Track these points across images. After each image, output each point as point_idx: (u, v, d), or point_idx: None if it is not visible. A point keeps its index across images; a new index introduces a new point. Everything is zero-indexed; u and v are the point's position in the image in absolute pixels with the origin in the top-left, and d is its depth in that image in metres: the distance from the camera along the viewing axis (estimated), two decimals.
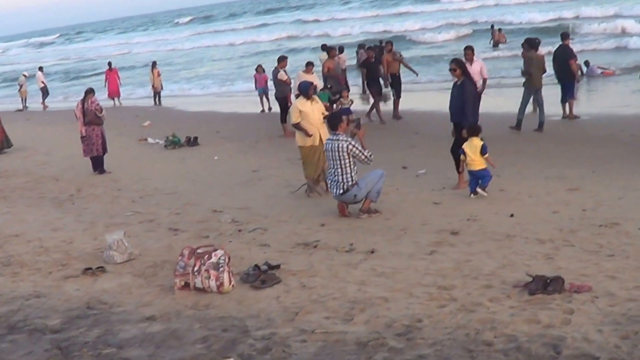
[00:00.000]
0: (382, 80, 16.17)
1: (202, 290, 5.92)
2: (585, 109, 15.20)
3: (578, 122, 14.01)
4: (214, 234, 8.01)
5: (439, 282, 5.71)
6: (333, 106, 13.91)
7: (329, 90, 14.99)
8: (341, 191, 8.30)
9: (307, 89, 9.73)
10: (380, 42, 24.76)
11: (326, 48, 21.34)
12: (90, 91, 12.84)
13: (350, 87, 17.71)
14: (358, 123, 10.34)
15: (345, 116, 9.69)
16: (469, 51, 12.85)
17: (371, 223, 7.99)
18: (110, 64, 27.14)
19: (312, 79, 13.13)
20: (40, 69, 29.20)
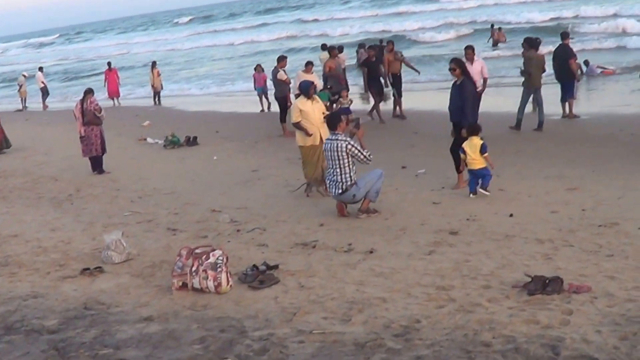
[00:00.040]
0: (383, 80, 16.15)
1: (200, 290, 5.90)
2: (585, 108, 15.18)
3: (578, 122, 13.99)
4: (213, 234, 8.00)
5: (438, 283, 5.69)
6: (333, 106, 13.91)
7: (329, 90, 14.96)
8: (340, 191, 8.28)
9: (308, 89, 9.72)
10: (380, 42, 24.73)
11: (327, 48, 21.38)
12: (89, 91, 12.83)
13: (350, 87, 17.69)
14: (357, 123, 10.31)
15: (345, 116, 9.69)
16: (469, 51, 12.83)
17: (370, 223, 7.97)
18: (109, 64, 27.10)
19: (312, 79, 13.10)
20: (40, 69, 29.16)
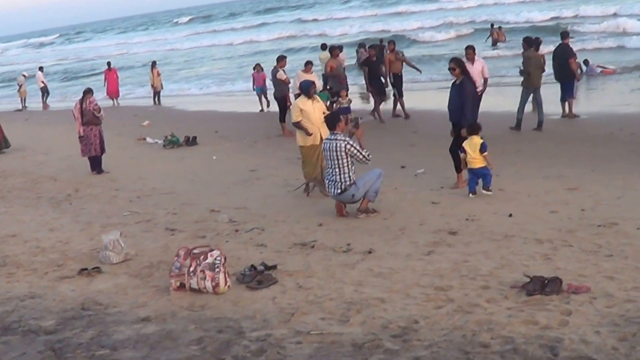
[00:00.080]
0: (383, 79, 16.13)
1: (198, 291, 5.88)
2: (584, 107, 15.16)
3: (577, 121, 13.97)
4: (211, 234, 7.98)
5: (436, 283, 5.67)
6: (332, 107, 13.87)
7: (329, 91, 14.94)
8: (339, 191, 8.25)
9: (309, 88, 9.70)
10: (380, 41, 24.71)
11: (326, 47, 21.34)
12: (88, 91, 12.80)
13: (350, 87, 17.64)
14: (356, 122, 10.29)
15: (344, 116, 9.66)
16: (470, 51, 12.78)
17: (369, 223, 7.95)
18: (109, 63, 27.07)
19: (312, 79, 13.07)
20: (41, 69, 29.15)
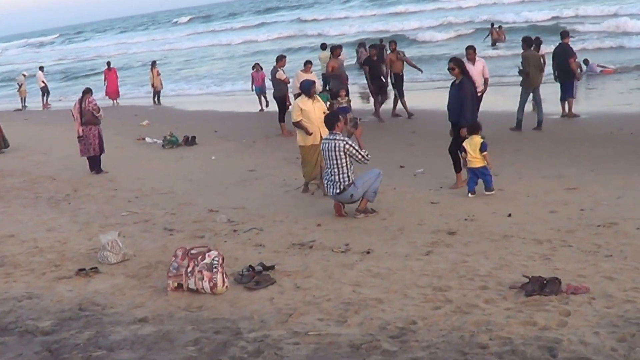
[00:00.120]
0: (384, 79, 16.10)
1: (196, 291, 5.86)
2: (584, 107, 15.13)
3: (577, 121, 13.95)
4: (209, 234, 7.96)
5: (435, 283, 5.65)
6: (332, 107, 13.85)
7: (328, 92, 14.91)
8: (338, 191, 8.23)
9: (309, 88, 9.69)
10: (380, 41, 24.69)
11: (326, 47, 21.32)
12: (87, 91, 12.79)
13: (350, 87, 17.60)
14: (355, 122, 10.27)
15: (343, 115, 9.64)
16: (470, 51, 12.70)
17: (367, 223, 7.93)
18: (109, 63, 27.02)
19: (311, 78, 13.04)
20: (41, 68, 29.08)
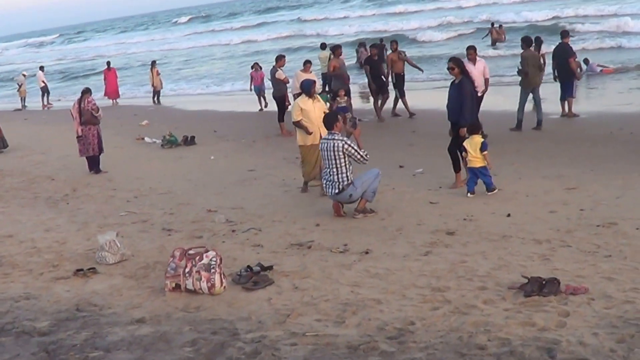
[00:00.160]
0: (385, 78, 16.08)
1: (193, 291, 5.84)
2: (584, 107, 15.10)
3: (577, 121, 13.92)
4: (208, 234, 7.94)
5: (433, 284, 5.63)
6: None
7: (328, 93, 14.90)
8: (336, 191, 8.20)
9: (310, 87, 9.68)
10: (380, 40, 24.69)
11: (326, 47, 21.32)
12: (87, 91, 12.77)
13: (350, 86, 17.57)
14: (354, 122, 10.28)
15: (341, 115, 9.63)
16: (471, 51, 12.61)
17: (366, 223, 7.91)
18: (109, 63, 26.95)
19: (311, 78, 13.02)
20: (41, 68, 29.03)
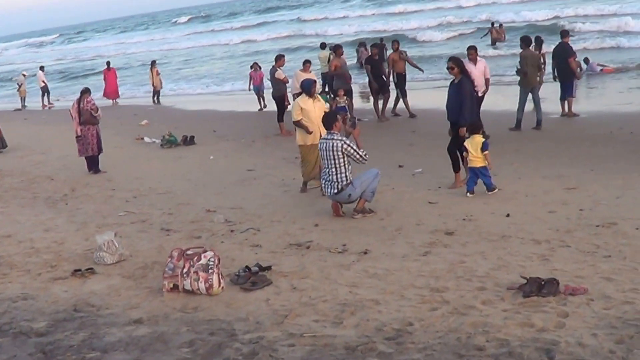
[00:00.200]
0: (385, 78, 16.07)
1: (191, 292, 5.82)
2: (584, 106, 15.08)
3: (577, 120, 13.90)
4: (207, 234, 7.92)
5: (432, 284, 5.61)
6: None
7: (327, 93, 14.89)
8: (335, 191, 8.18)
9: (310, 87, 9.66)
10: (380, 40, 24.66)
11: (325, 47, 21.30)
12: (86, 91, 12.75)
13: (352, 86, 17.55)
14: (354, 122, 10.26)
15: (341, 115, 9.61)
16: (472, 51, 12.54)
17: (365, 223, 7.88)
18: (108, 63, 26.91)
19: (311, 78, 12.99)
20: (42, 68, 28.99)
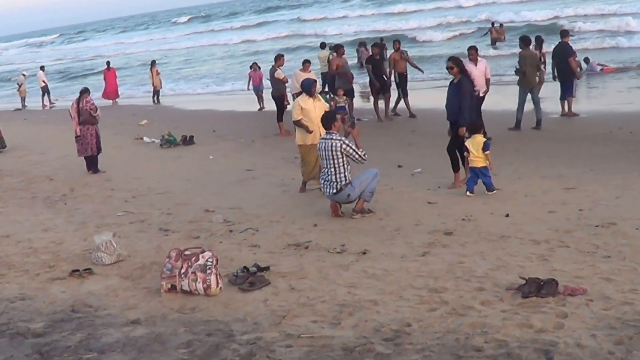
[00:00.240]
0: (386, 78, 16.05)
1: (189, 292, 5.80)
2: (584, 106, 15.07)
3: (577, 120, 13.89)
4: (205, 234, 7.89)
5: (430, 285, 5.58)
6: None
7: (326, 93, 14.88)
8: (334, 191, 8.16)
9: (310, 86, 9.64)
10: (380, 40, 24.63)
11: (325, 46, 21.28)
12: (85, 90, 12.76)
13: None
14: (352, 122, 10.25)
15: (340, 115, 9.59)
16: (473, 51, 12.50)
17: (364, 223, 7.86)
18: (108, 63, 26.89)
19: (310, 77, 12.97)
20: (42, 68, 28.97)
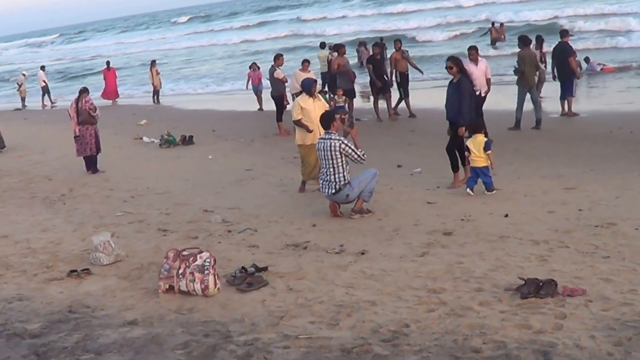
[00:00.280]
0: (387, 78, 16.03)
1: (187, 293, 5.78)
2: (584, 106, 15.05)
3: (577, 120, 13.87)
4: (204, 234, 7.87)
5: (429, 285, 5.56)
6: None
7: (326, 93, 14.85)
8: (333, 191, 8.14)
9: (310, 86, 9.62)
10: (380, 39, 24.62)
11: (325, 46, 21.26)
12: (84, 90, 12.73)
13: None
14: (351, 122, 10.22)
15: (339, 115, 9.57)
16: (473, 51, 12.46)
17: (363, 223, 7.84)
18: (108, 63, 26.88)
19: (310, 77, 12.94)
20: (42, 68, 28.94)
